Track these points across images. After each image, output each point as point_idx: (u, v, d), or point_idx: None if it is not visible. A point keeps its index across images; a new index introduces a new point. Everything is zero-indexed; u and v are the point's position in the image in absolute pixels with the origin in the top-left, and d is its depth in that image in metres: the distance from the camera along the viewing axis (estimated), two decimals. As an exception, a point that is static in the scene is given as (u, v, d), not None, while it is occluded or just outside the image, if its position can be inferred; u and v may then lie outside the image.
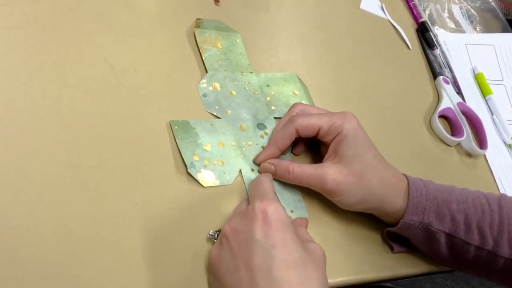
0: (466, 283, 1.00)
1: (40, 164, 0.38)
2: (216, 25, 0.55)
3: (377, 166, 0.45)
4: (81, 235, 0.36)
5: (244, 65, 0.54)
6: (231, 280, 0.34)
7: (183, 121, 0.45)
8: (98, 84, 0.44)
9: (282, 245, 0.34)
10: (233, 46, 0.55)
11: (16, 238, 0.34)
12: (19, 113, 0.39)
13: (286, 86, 0.55)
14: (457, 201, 0.44)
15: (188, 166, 0.43)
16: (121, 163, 0.41)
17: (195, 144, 0.45)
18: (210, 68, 0.51)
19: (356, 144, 0.44)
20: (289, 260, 0.34)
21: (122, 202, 0.39)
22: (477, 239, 0.44)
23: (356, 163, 0.44)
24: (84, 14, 0.48)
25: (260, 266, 0.33)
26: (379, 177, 0.44)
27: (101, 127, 0.42)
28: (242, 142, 0.47)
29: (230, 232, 0.36)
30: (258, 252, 0.34)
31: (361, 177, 0.43)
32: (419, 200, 0.44)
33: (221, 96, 0.50)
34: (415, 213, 0.44)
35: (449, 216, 0.44)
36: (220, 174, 0.44)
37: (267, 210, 0.36)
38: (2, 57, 0.41)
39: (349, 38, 0.66)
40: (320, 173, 0.44)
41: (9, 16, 0.43)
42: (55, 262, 0.34)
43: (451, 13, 0.82)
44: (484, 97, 0.71)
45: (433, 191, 0.45)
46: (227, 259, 0.35)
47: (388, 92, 0.63)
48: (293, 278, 0.33)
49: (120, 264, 0.36)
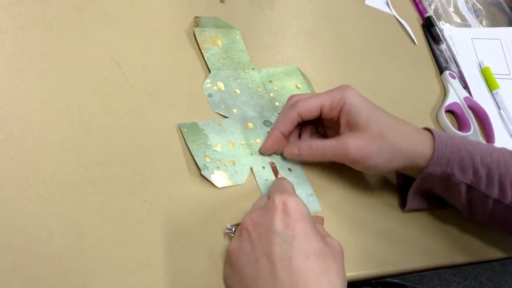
0: (474, 279, 0.99)
1: (50, 162, 0.38)
2: (214, 22, 0.55)
3: (394, 123, 0.45)
4: (91, 232, 0.37)
5: (246, 61, 0.54)
6: (251, 271, 0.34)
7: (192, 123, 0.46)
8: (106, 83, 0.44)
9: (302, 236, 0.35)
10: (233, 43, 0.55)
11: (27, 235, 0.35)
12: (28, 112, 0.40)
13: (288, 80, 0.55)
14: (481, 154, 0.44)
15: (202, 169, 0.43)
16: (129, 161, 0.41)
17: (206, 146, 0.45)
18: (212, 67, 0.51)
19: (365, 109, 0.44)
20: (309, 251, 0.34)
21: (131, 199, 0.39)
22: (496, 192, 0.44)
23: (372, 125, 0.44)
24: (91, 13, 0.48)
25: (280, 257, 0.33)
26: (400, 131, 0.44)
27: (110, 125, 0.42)
28: (251, 140, 0.48)
29: (250, 224, 0.37)
30: (278, 243, 0.34)
31: (382, 137, 0.43)
32: (444, 151, 0.44)
33: (226, 95, 0.50)
34: (439, 164, 0.44)
35: (472, 168, 0.44)
36: (233, 174, 0.44)
37: (287, 202, 0.36)
38: (12, 56, 0.42)
39: (354, 34, 0.66)
40: (341, 143, 0.44)
41: (18, 17, 0.44)
42: (65, 259, 0.35)
43: (457, 7, 0.82)
44: (491, 91, 0.71)
45: (458, 143, 0.44)
46: (247, 251, 0.36)
47: (394, 87, 0.63)
48: (313, 269, 0.33)
49: (130, 261, 0.36)
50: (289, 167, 0.48)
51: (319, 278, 0.33)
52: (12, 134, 0.38)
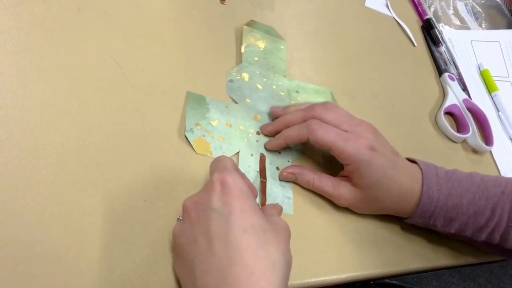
0: (472, 281, 0.99)
1: (51, 162, 0.38)
2: (267, 29, 0.57)
3: (392, 185, 0.44)
4: (91, 232, 0.37)
5: (281, 69, 0.55)
6: (191, 251, 0.34)
7: (200, 95, 0.46)
8: (107, 83, 0.45)
9: (240, 212, 0.34)
10: (275, 50, 0.56)
11: (27, 235, 0.35)
12: (29, 113, 0.40)
13: (316, 98, 0.55)
14: (468, 204, 0.44)
15: (186, 130, 0.43)
16: (130, 161, 0.41)
17: (202, 117, 0.45)
18: (245, 61, 0.52)
19: (370, 172, 0.44)
20: (247, 226, 0.33)
21: (131, 200, 0.39)
22: (484, 236, 0.45)
23: (371, 189, 0.44)
24: (92, 14, 0.48)
25: (217, 233, 0.33)
26: (393, 196, 0.45)
27: (110, 125, 0.42)
28: (251, 129, 0.48)
29: (190, 205, 0.36)
30: (216, 220, 0.33)
31: (376, 199, 0.45)
32: (428, 207, 0.45)
33: (246, 86, 0.51)
34: (421, 217, 0.45)
35: (457, 220, 0.45)
36: (217, 147, 0.44)
37: (225, 180, 0.35)
38: (13, 57, 0.42)
39: (354, 36, 0.66)
40: (336, 194, 0.46)
41: (19, 17, 0.44)
42: (65, 259, 0.35)
43: (456, 10, 0.82)
44: (490, 93, 0.71)
45: (446, 195, 0.44)
46: (187, 232, 0.35)
47: (394, 89, 0.63)
48: (250, 243, 0.32)
49: (131, 261, 0.37)
50: (278, 165, 0.47)
51: (256, 251, 0.32)
52: (13, 134, 0.38)
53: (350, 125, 0.45)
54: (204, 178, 0.43)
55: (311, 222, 0.45)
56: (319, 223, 0.46)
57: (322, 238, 0.45)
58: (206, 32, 0.54)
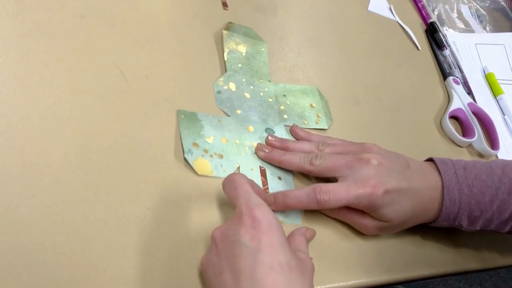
0: (479, 285, 0.99)
1: (53, 170, 0.38)
2: (245, 31, 0.56)
3: (414, 206, 0.44)
4: (94, 240, 0.36)
5: (264, 73, 0.54)
6: (216, 282, 0.34)
7: (191, 112, 0.46)
8: (109, 90, 0.44)
9: (268, 247, 0.34)
10: (257, 54, 0.55)
11: (30, 243, 0.35)
12: (31, 120, 0.40)
13: (303, 98, 0.55)
14: (491, 200, 0.44)
15: (185, 152, 0.43)
16: (133, 169, 0.41)
17: (198, 135, 0.45)
18: (229, 69, 0.51)
19: (390, 209, 0.43)
20: (274, 263, 0.33)
21: (135, 207, 0.39)
22: (508, 228, 0.45)
23: (394, 220, 0.44)
24: (94, 21, 0.48)
25: (244, 269, 0.33)
26: (416, 211, 0.44)
27: (113, 132, 0.42)
28: (247, 141, 0.47)
29: (218, 236, 0.36)
30: (243, 255, 0.33)
31: (399, 225, 0.45)
32: (452, 210, 0.44)
33: (235, 96, 0.50)
34: (446, 220, 0.45)
35: (481, 218, 0.44)
36: (217, 166, 0.44)
37: (254, 214, 0.35)
38: (16, 64, 0.42)
39: (358, 40, 0.66)
40: (361, 223, 0.45)
41: (22, 24, 0.44)
42: (68, 267, 0.35)
43: (460, 13, 0.82)
44: (495, 97, 0.71)
45: (467, 195, 0.44)
46: (214, 263, 0.35)
47: (398, 93, 0.63)
48: (276, 281, 0.32)
49: (134, 269, 0.36)
50: (280, 175, 0.47)
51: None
52: (15, 142, 0.38)
53: (353, 162, 0.43)
54: (206, 182, 0.43)
55: (316, 229, 0.45)
56: (325, 230, 0.45)
57: (327, 246, 0.45)
58: (209, 38, 0.54)
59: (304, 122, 0.52)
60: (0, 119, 0.38)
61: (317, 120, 0.53)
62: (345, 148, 0.46)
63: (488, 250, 0.52)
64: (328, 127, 0.53)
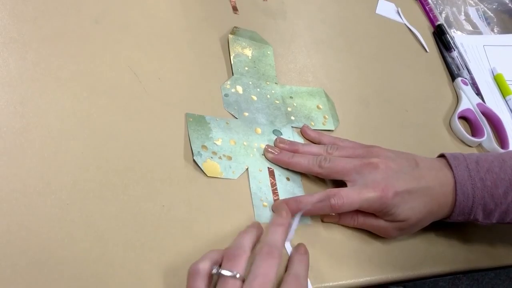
0: (491, 289, 0.98)
1: (71, 169, 0.39)
2: (251, 35, 0.57)
3: (427, 203, 0.44)
4: (111, 237, 0.37)
5: (271, 75, 0.55)
6: None
7: (199, 115, 0.47)
8: (124, 92, 0.46)
9: None
10: (263, 57, 0.56)
11: (49, 240, 0.35)
12: (50, 121, 0.41)
13: (310, 100, 0.55)
14: (505, 192, 0.44)
15: (195, 154, 0.43)
16: (148, 168, 0.42)
17: (206, 137, 0.45)
18: (236, 72, 0.52)
19: (403, 208, 0.43)
20: None
21: (150, 205, 0.40)
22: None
23: (409, 219, 0.44)
24: (109, 25, 0.49)
25: None
26: (430, 210, 0.45)
27: (128, 133, 0.43)
28: (255, 143, 0.48)
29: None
30: None
31: (416, 224, 0.45)
32: (466, 204, 0.44)
33: (242, 99, 0.51)
34: (461, 214, 0.45)
35: (496, 210, 0.45)
36: (226, 167, 0.45)
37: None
38: (34, 68, 0.43)
39: (366, 43, 0.67)
40: (380, 227, 0.45)
41: (39, 30, 0.45)
42: (86, 264, 0.35)
43: (468, 15, 0.82)
44: (504, 97, 0.71)
45: (480, 188, 0.44)
46: None
47: (407, 94, 0.64)
48: None
49: (150, 265, 0.37)
50: (288, 176, 0.47)
51: None
52: (34, 142, 0.39)
53: (362, 167, 0.44)
54: (217, 182, 0.44)
55: (327, 228, 0.45)
56: (336, 228, 0.46)
57: (339, 243, 0.45)
58: (218, 41, 0.55)
59: (311, 123, 0.53)
60: (19, 120, 0.40)
61: (324, 121, 0.54)
62: (353, 152, 0.47)
63: (501, 248, 0.52)
64: (335, 128, 0.54)
